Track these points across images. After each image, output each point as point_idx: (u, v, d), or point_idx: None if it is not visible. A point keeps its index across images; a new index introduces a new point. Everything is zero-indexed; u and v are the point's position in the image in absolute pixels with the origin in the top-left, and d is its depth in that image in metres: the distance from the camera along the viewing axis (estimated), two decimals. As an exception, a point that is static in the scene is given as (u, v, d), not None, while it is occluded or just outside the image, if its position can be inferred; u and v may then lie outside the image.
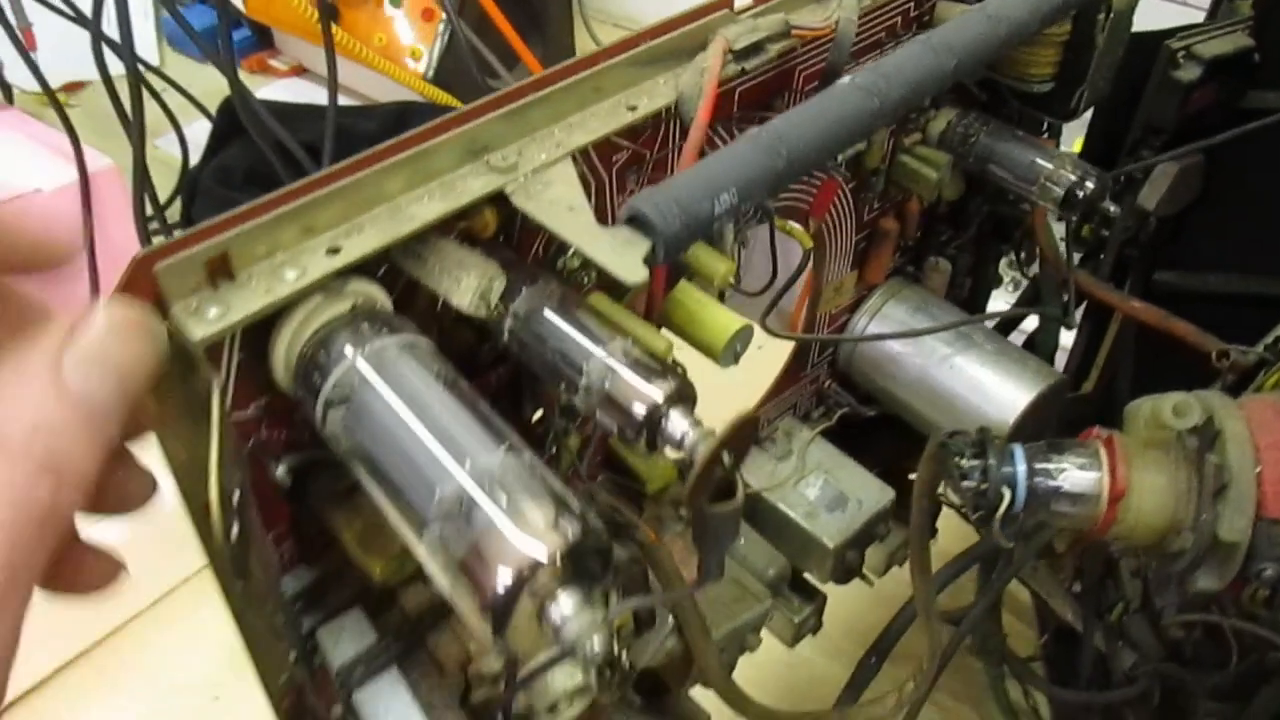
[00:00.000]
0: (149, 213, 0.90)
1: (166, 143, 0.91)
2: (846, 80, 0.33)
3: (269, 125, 0.88)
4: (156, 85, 1.05)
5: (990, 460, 0.41)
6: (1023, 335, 0.62)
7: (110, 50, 0.82)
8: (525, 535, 0.23)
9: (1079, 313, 0.60)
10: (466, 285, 0.29)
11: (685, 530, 0.45)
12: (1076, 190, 0.46)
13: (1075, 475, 0.41)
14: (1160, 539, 0.41)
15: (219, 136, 1.14)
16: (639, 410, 0.28)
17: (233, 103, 0.99)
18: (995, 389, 0.50)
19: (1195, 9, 0.55)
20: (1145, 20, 0.50)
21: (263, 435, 0.30)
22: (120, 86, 0.89)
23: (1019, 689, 0.72)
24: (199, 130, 1.12)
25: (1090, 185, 0.45)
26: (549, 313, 0.30)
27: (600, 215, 0.36)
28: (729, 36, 0.35)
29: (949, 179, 0.49)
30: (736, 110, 0.39)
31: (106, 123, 0.97)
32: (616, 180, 0.36)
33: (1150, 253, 0.55)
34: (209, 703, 0.77)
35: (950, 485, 0.42)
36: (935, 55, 0.34)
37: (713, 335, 0.39)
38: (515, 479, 0.24)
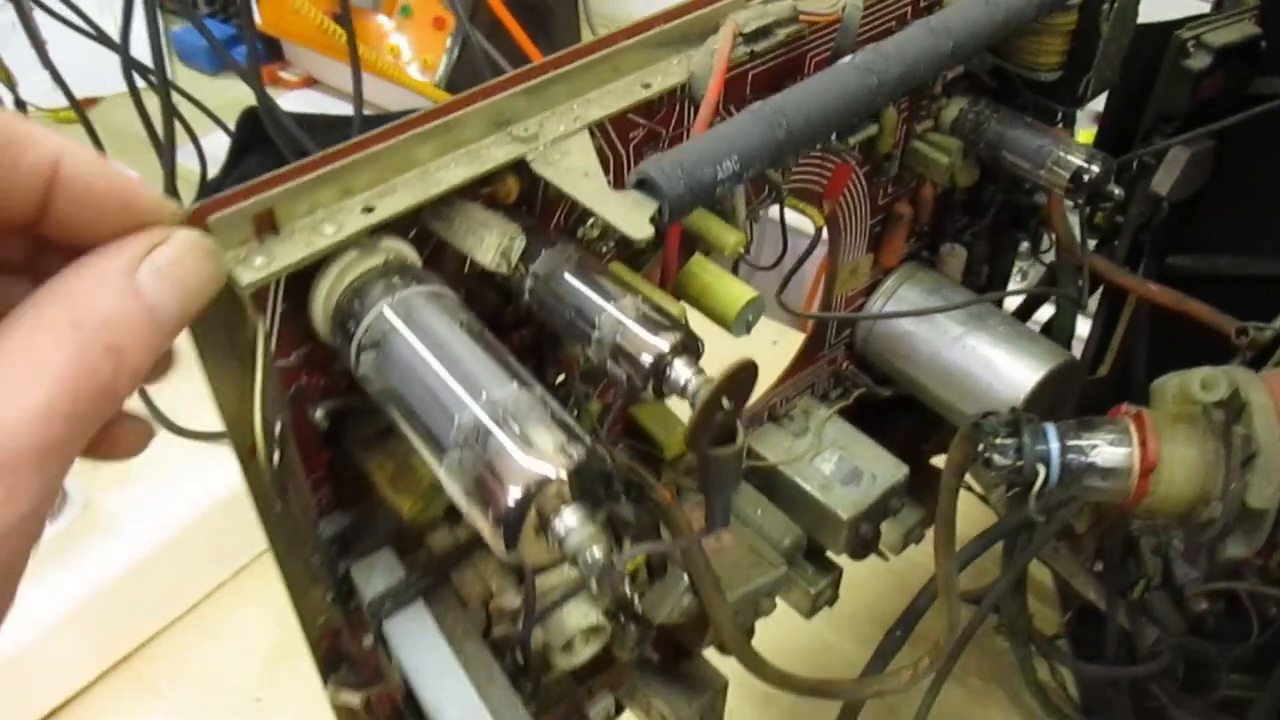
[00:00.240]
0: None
1: (183, 155, 0.95)
2: (847, 59, 0.36)
3: (296, 136, 0.91)
4: (173, 99, 1.08)
5: (1025, 439, 0.43)
6: (1036, 327, 0.63)
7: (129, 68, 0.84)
8: (533, 457, 0.25)
9: (1094, 298, 0.61)
10: (489, 243, 0.32)
11: (703, 498, 0.47)
12: (1083, 173, 0.47)
13: (1107, 451, 0.43)
14: (1190, 509, 0.43)
15: (239, 148, 1.17)
16: (646, 359, 0.30)
17: (252, 114, 1.03)
18: (1006, 367, 0.52)
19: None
20: (1154, 11, 0.52)
21: (303, 381, 0.33)
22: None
23: (1046, 669, 0.73)
24: (212, 142, 1.15)
25: (1096, 168, 0.47)
26: (566, 273, 0.33)
27: (618, 187, 0.38)
28: (739, 21, 0.37)
29: (960, 165, 0.51)
30: (750, 93, 0.41)
31: (120, 138, 1.01)
32: (634, 156, 0.39)
33: (1163, 237, 0.57)
34: (251, 704, 0.77)
35: (984, 465, 0.44)
36: (934, 37, 0.36)
37: (725, 305, 0.42)
38: (527, 409, 0.27)
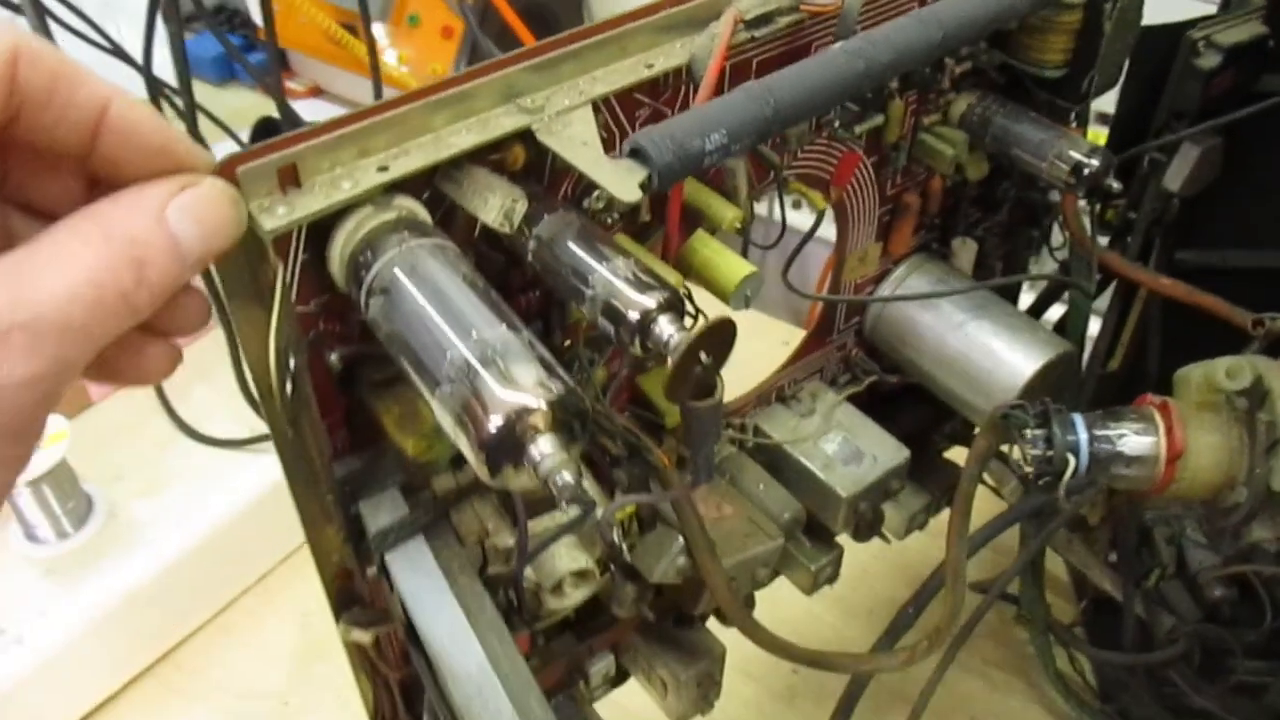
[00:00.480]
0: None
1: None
2: (837, 45, 0.38)
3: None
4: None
5: (1054, 429, 0.45)
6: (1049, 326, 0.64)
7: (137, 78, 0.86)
8: (515, 390, 0.28)
9: (1106, 294, 0.62)
10: (493, 204, 0.34)
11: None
12: (1083, 167, 0.49)
13: (1134, 440, 0.45)
14: (1215, 494, 0.44)
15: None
16: (633, 316, 0.33)
17: (267, 124, 1.07)
18: (1006, 354, 0.53)
19: (1208, 1, 0.57)
20: (1164, 13, 0.53)
21: (321, 328, 0.36)
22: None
23: (1065, 659, 0.74)
24: (220, 151, 1.20)
25: (1096, 162, 0.49)
26: (567, 238, 0.35)
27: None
28: (741, 7, 0.40)
29: (966, 157, 0.52)
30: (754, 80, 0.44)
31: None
32: (639, 134, 0.41)
33: (1174, 232, 0.58)
34: (279, 708, 0.77)
35: (1015, 453, 0.46)
36: (923, 26, 0.38)
37: (725, 279, 0.44)
38: (513, 348, 0.29)
